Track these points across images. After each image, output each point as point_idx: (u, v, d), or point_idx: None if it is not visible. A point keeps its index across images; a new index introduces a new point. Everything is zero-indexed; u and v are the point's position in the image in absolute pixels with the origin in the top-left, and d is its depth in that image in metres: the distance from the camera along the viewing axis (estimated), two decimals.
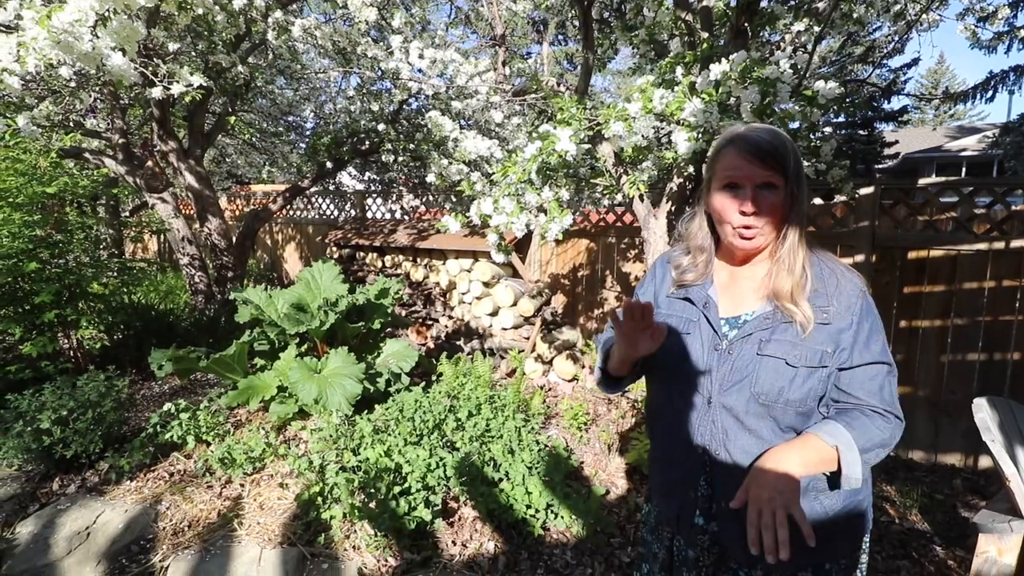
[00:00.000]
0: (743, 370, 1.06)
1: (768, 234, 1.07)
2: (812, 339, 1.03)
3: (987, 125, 18.48)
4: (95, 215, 5.17)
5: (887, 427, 1.02)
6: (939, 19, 3.54)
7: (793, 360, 1.03)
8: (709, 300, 1.14)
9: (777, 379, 1.03)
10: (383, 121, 5.23)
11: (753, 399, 1.05)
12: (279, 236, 7.66)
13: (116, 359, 4.19)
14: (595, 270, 4.62)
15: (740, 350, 1.07)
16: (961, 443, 3.22)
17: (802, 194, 1.05)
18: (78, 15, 1.51)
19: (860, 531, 1.13)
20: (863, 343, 1.03)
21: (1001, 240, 3.02)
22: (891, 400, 1.04)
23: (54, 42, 1.50)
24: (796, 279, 1.05)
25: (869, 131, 15.60)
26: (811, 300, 1.04)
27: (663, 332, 1.08)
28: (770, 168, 1.03)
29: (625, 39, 3.74)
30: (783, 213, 1.05)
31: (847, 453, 0.99)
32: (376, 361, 3.70)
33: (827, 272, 1.08)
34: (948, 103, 26.91)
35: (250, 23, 3.57)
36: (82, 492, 2.70)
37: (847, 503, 1.08)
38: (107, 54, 1.67)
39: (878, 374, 1.04)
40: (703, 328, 1.13)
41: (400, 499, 2.33)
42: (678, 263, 1.22)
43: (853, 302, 1.04)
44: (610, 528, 2.49)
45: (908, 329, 3.30)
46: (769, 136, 1.05)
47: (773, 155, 1.03)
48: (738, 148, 1.05)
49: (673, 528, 1.22)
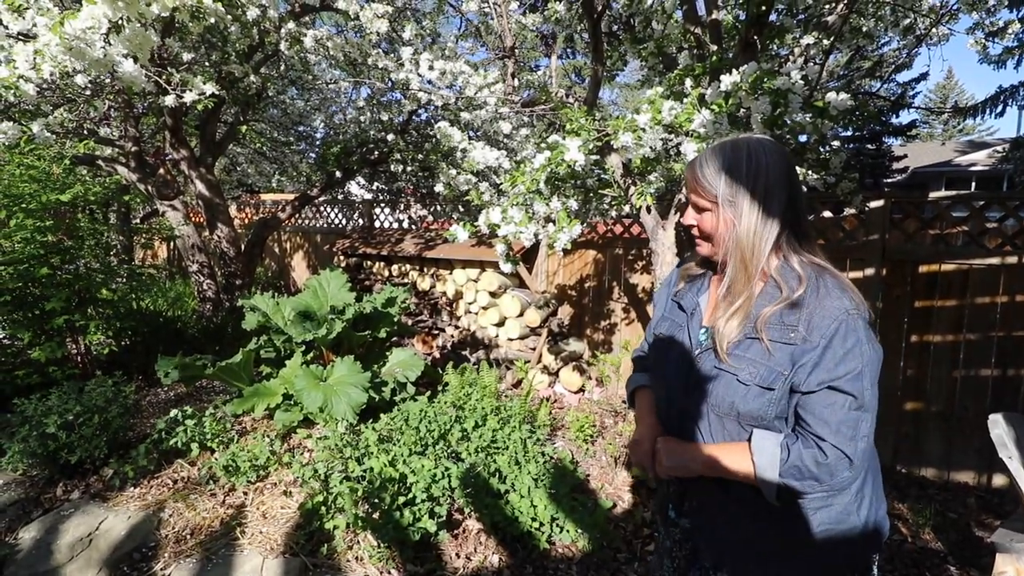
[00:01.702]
0: (703, 379, 1.09)
1: (718, 245, 1.10)
2: (772, 358, 1.00)
3: (997, 140, 18.40)
4: (106, 222, 5.22)
5: (823, 461, 0.95)
6: (949, 33, 3.54)
7: (745, 377, 1.02)
8: (696, 308, 1.18)
9: (728, 393, 1.04)
10: (392, 131, 5.27)
11: (710, 408, 1.08)
12: (287, 244, 7.71)
13: (123, 365, 4.21)
14: (602, 281, 4.60)
15: (706, 360, 1.09)
16: (974, 460, 3.16)
17: (741, 217, 1.03)
18: (91, 22, 1.53)
19: (843, 557, 1.06)
20: (827, 367, 0.95)
21: (1014, 255, 2.99)
22: (847, 436, 0.95)
23: (66, 48, 1.52)
24: (735, 314, 1.04)
25: (878, 145, 15.56)
26: (782, 316, 1.00)
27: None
28: (695, 191, 1.09)
29: (634, 52, 3.75)
30: (720, 233, 1.07)
31: (764, 471, 0.99)
32: (382, 370, 3.69)
33: (811, 287, 1.00)
34: (957, 118, 26.83)
35: (263, 34, 3.62)
36: (86, 498, 2.69)
37: (824, 527, 1.03)
38: (119, 61, 1.69)
39: (837, 404, 0.95)
40: (685, 335, 1.18)
41: (404, 510, 2.31)
42: (691, 260, 1.27)
43: (827, 324, 0.96)
44: (616, 543, 2.45)
45: (920, 344, 3.25)
46: (707, 158, 1.08)
47: (697, 180, 1.08)
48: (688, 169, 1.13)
49: (659, 518, 1.31)
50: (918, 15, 3.33)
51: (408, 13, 5.24)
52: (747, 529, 1.08)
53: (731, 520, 1.10)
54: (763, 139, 1.08)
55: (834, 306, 0.97)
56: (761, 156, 1.04)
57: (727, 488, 1.08)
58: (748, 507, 1.07)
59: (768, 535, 1.07)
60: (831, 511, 1.04)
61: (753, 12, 2.46)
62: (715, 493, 1.10)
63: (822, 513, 1.04)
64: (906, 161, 16.84)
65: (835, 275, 1.03)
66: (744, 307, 1.04)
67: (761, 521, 1.06)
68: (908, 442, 3.29)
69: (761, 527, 1.07)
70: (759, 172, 1.03)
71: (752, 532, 1.08)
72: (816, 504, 1.03)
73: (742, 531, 1.09)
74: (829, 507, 1.04)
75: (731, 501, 1.09)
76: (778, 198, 1.03)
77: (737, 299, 1.05)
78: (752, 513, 1.07)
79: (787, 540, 1.05)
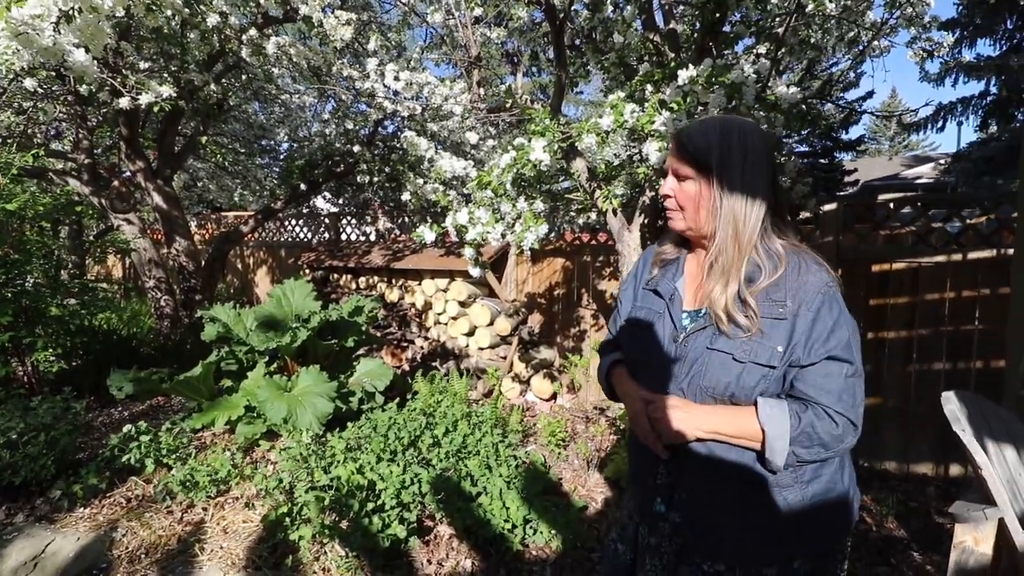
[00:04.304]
0: (693, 363, 1.07)
1: (690, 220, 1.10)
2: (766, 336, 1.00)
3: (940, 154, 19.43)
4: (56, 237, 5.00)
5: (834, 430, 0.98)
6: (890, 46, 3.75)
7: (741, 356, 1.01)
8: (675, 293, 1.16)
9: (724, 373, 1.02)
10: (358, 143, 5.24)
11: (702, 392, 1.05)
12: (250, 260, 7.52)
13: (74, 384, 3.98)
14: (571, 288, 4.63)
15: (694, 343, 1.08)
16: (931, 452, 3.27)
17: (730, 194, 1.04)
18: (40, 10, 1.48)
19: (832, 528, 1.09)
20: (819, 339, 0.99)
21: (959, 252, 3.14)
22: (849, 403, 0.99)
23: (13, 34, 1.46)
24: (728, 282, 1.03)
25: (830, 159, 16.27)
26: (768, 293, 1.02)
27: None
28: (682, 158, 1.08)
29: (596, 62, 3.85)
30: (700, 204, 1.07)
31: (775, 440, 0.98)
32: (349, 380, 3.61)
33: (792, 265, 1.04)
34: (903, 134, 28.34)
35: (224, 42, 3.57)
36: (31, 521, 2.53)
37: (815, 499, 1.05)
38: (69, 50, 1.63)
39: (835, 372, 0.99)
40: (666, 321, 1.15)
41: (373, 516, 2.24)
42: (662, 245, 1.26)
43: (812, 298, 1.00)
44: (590, 543, 2.43)
45: (875, 340, 3.38)
46: (697, 128, 1.08)
47: (685, 148, 1.08)
48: (674, 137, 1.12)
49: (637, 516, 1.22)
50: (861, 28, 3.52)
51: (373, 26, 5.26)
52: (742, 514, 1.06)
53: (725, 506, 1.07)
54: (747, 120, 1.10)
55: (815, 280, 1.01)
56: (748, 134, 1.05)
57: (722, 473, 1.05)
58: (741, 490, 1.05)
59: (764, 517, 1.05)
60: (820, 482, 1.05)
61: (708, 20, 2.56)
62: (708, 481, 1.08)
63: (813, 485, 1.04)
64: (856, 175, 17.61)
65: (810, 253, 1.07)
66: (736, 278, 1.03)
67: (755, 505, 1.05)
68: (868, 436, 3.39)
69: (755, 510, 1.05)
70: (747, 148, 1.04)
71: (748, 516, 1.06)
72: (807, 476, 1.04)
73: (737, 516, 1.06)
74: (818, 478, 1.05)
75: (724, 487, 1.06)
76: (763, 177, 1.05)
77: (730, 270, 1.04)
78: (746, 496, 1.05)
79: (783, 518, 1.04)
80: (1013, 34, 10.06)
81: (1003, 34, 10.12)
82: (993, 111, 10.47)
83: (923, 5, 3.20)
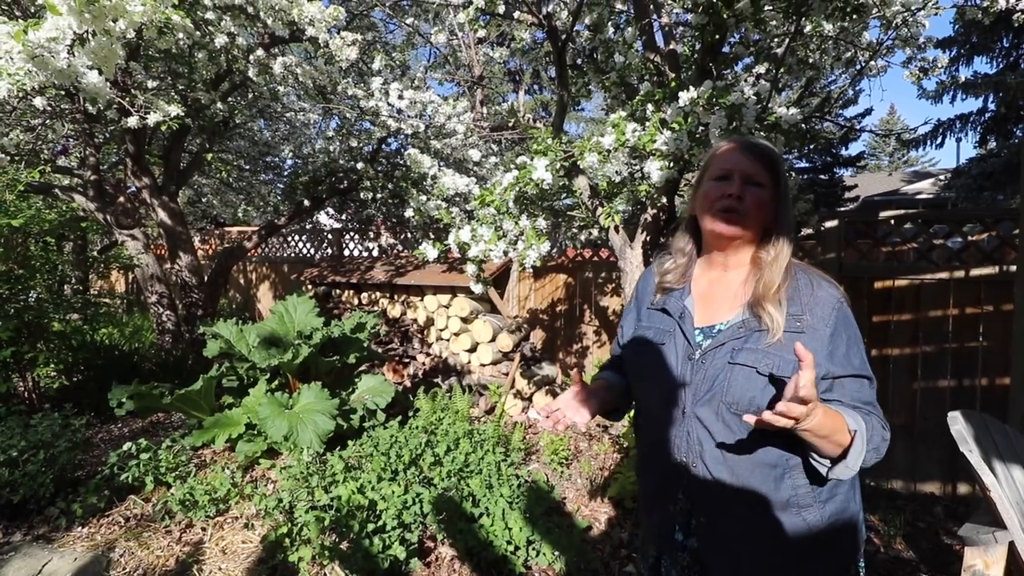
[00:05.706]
0: (714, 379, 1.05)
1: (749, 226, 1.08)
2: (785, 348, 1.00)
3: (940, 170, 19.53)
4: (61, 252, 5.02)
5: (886, 435, 1.01)
6: (887, 66, 3.79)
7: (764, 368, 1.01)
8: (685, 311, 1.14)
9: (748, 388, 1.01)
10: (362, 159, 5.28)
11: (725, 408, 1.03)
12: (253, 275, 7.54)
13: (75, 400, 3.99)
14: (573, 305, 4.63)
15: (712, 359, 1.06)
16: (938, 471, 3.23)
17: (787, 208, 1.08)
18: (55, 33, 1.51)
19: (848, 548, 1.08)
20: (843, 356, 1.01)
21: (961, 269, 3.14)
22: (879, 413, 1.03)
23: (29, 56, 1.49)
24: (777, 285, 1.04)
25: (830, 175, 16.36)
26: (786, 307, 1.04)
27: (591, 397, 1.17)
28: (759, 163, 1.08)
29: (598, 81, 3.89)
30: (766, 214, 1.08)
31: (859, 442, 0.96)
32: (350, 397, 3.59)
33: (804, 281, 1.06)
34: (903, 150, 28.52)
35: (231, 62, 3.62)
36: (28, 540, 2.50)
37: (832, 519, 1.04)
38: (83, 72, 1.66)
39: (865, 384, 1.03)
40: (678, 339, 1.13)
41: (374, 537, 2.22)
42: (662, 266, 1.23)
43: (828, 313, 1.02)
44: (594, 564, 2.40)
45: (880, 357, 3.36)
46: (759, 140, 1.13)
47: (763, 153, 1.09)
48: (734, 143, 1.12)
49: (655, 544, 1.18)
50: (858, 48, 3.56)
51: (378, 46, 5.34)
52: (763, 535, 1.04)
53: (745, 529, 1.05)
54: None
55: (828, 295, 1.05)
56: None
57: (744, 495, 1.04)
58: (763, 511, 1.04)
59: (784, 538, 1.03)
60: (836, 501, 1.04)
61: (708, 41, 2.59)
62: (729, 503, 1.05)
63: (830, 505, 1.04)
64: (857, 191, 17.70)
65: (814, 269, 1.11)
66: (783, 284, 1.05)
67: (775, 526, 1.03)
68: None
69: (776, 532, 1.03)
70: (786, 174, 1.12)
71: (768, 538, 1.04)
72: (824, 496, 1.04)
73: (758, 538, 1.05)
74: (834, 497, 1.04)
75: (745, 509, 1.05)
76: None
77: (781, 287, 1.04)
78: (767, 516, 1.04)
79: (803, 539, 1.03)
80: (1009, 52, 10.19)
81: (1000, 52, 10.25)
82: (992, 128, 10.55)
83: (918, 26, 3.24)
